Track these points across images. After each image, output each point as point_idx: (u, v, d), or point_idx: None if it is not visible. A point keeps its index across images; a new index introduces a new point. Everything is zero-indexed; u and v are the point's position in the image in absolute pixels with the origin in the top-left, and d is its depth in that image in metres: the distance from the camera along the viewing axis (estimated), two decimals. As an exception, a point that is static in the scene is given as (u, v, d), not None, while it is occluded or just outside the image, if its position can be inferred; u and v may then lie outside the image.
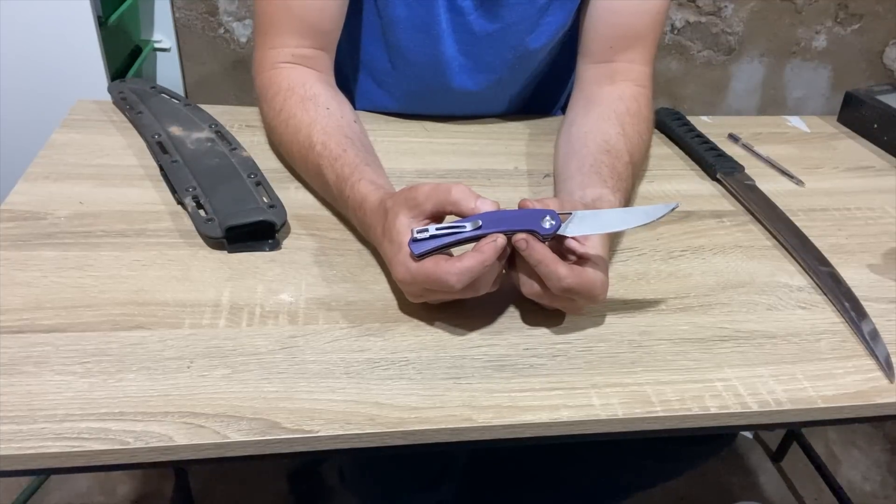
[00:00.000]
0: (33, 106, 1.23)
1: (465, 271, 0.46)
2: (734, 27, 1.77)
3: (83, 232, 0.57)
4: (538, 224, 0.48)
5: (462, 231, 0.48)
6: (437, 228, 0.48)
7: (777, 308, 0.57)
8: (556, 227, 0.48)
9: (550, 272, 0.47)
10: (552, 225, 0.48)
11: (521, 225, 0.48)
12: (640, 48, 0.72)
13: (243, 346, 0.48)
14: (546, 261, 0.47)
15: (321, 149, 0.60)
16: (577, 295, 0.49)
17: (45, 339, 0.47)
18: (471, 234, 0.48)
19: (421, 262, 0.48)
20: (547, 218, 0.48)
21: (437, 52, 0.74)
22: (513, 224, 0.48)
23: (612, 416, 0.46)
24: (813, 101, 1.92)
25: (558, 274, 0.47)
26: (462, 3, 0.71)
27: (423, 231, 0.47)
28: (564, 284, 0.47)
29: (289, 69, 0.68)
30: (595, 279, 0.49)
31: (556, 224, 0.48)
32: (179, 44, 1.61)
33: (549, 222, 0.48)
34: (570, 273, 0.47)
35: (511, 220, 0.48)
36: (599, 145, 0.63)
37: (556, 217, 0.48)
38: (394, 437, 0.43)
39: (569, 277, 0.47)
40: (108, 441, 0.40)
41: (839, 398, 0.48)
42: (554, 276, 0.47)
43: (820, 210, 0.71)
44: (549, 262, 0.47)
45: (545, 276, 0.48)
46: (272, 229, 0.58)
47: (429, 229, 0.47)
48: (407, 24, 0.72)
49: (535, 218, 0.48)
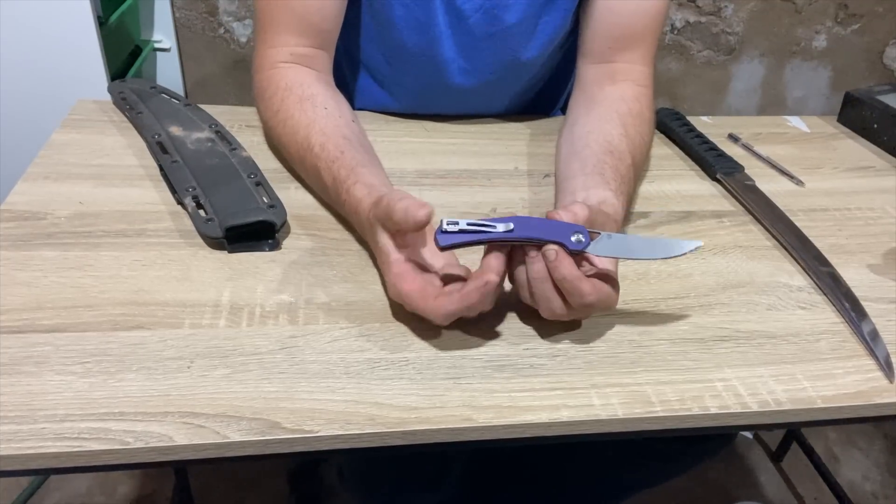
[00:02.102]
0: (33, 106, 1.23)
1: (451, 315, 0.47)
2: (734, 27, 1.77)
3: (83, 232, 0.57)
4: (567, 238, 0.47)
5: (493, 231, 0.47)
6: (468, 223, 0.47)
7: (777, 308, 0.57)
8: (585, 246, 0.47)
9: (575, 289, 0.47)
10: (581, 243, 0.47)
11: (551, 236, 0.47)
12: (640, 48, 0.72)
13: (243, 346, 0.48)
14: (572, 277, 0.47)
15: (319, 150, 0.60)
16: (595, 310, 0.49)
17: (45, 338, 0.47)
18: (501, 235, 0.47)
19: (409, 290, 0.47)
20: (577, 234, 0.47)
21: (434, 53, 0.74)
22: (543, 233, 0.47)
23: (612, 416, 0.46)
24: (813, 101, 1.92)
25: (582, 291, 0.47)
26: (462, 5, 0.71)
27: (452, 223, 0.47)
28: (587, 301, 0.47)
29: (287, 69, 0.68)
30: (612, 294, 0.49)
31: (586, 242, 0.47)
32: (179, 44, 1.61)
33: (579, 238, 0.47)
34: (593, 290, 0.47)
35: (542, 229, 0.47)
36: (602, 146, 0.63)
37: (587, 235, 0.48)
38: (394, 438, 0.43)
39: (592, 295, 0.47)
40: (108, 441, 0.40)
41: (839, 398, 0.48)
42: (577, 293, 0.47)
43: (820, 210, 0.71)
44: (576, 279, 0.47)
45: (569, 292, 0.47)
46: (272, 229, 0.58)
47: (459, 223, 0.47)
48: (403, 25, 0.72)
49: (566, 232, 0.47)
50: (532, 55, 0.76)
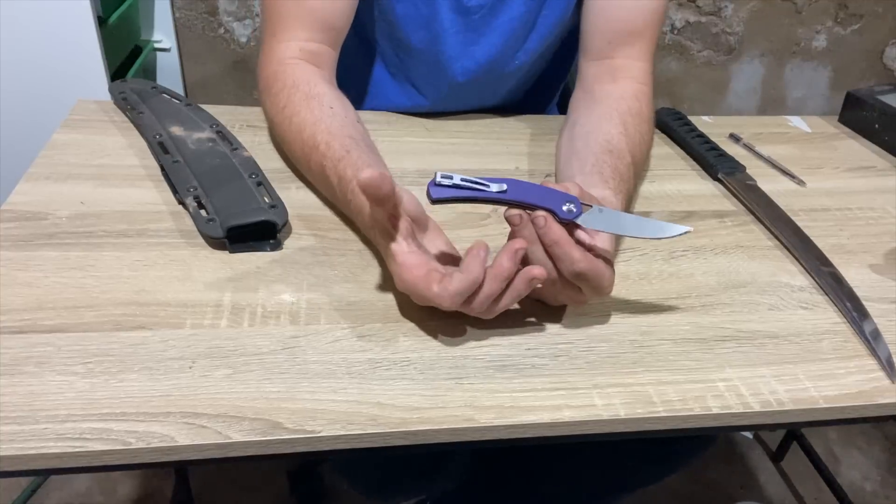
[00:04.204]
0: (33, 106, 1.23)
1: (458, 293, 0.46)
2: (734, 27, 1.77)
3: (84, 232, 0.57)
4: (559, 206, 0.48)
5: (485, 190, 0.47)
6: (462, 179, 0.47)
7: (779, 308, 0.57)
8: (575, 216, 0.48)
9: (565, 253, 0.47)
10: (572, 212, 0.48)
11: (542, 202, 0.48)
12: (640, 43, 0.72)
13: (245, 347, 0.48)
14: (562, 242, 0.47)
15: (325, 149, 0.60)
16: (585, 283, 0.49)
17: (46, 339, 0.47)
18: (494, 195, 0.47)
19: (414, 277, 0.47)
20: (569, 204, 0.48)
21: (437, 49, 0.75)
22: (535, 198, 0.48)
23: (614, 417, 0.46)
24: (813, 101, 1.92)
25: (572, 256, 0.47)
26: (468, 2, 0.72)
27: (447, 177, 0.47)
28: (577, 268, 0.47)
29: (295, 65, 0.68)
30: (605, 270, 0.49)
31: (577, 212, 0.48)
32: (179, 44, 1.61)
33: (570, 208, 0.48)
34: (584, 258, 0.47)
35: (535, 194, 0.48)
36: (601, 145, 0.63)
37: (578, 205, 0.48)
38: (395, 438, 0.43)
39: (583, 261, 0.47)
40: (110, 441, 0.40)
41: (841, 398, 0.48)
42: (568, 259, 0.47)
43: (821, 210, 0.71)
44: (566, 243, 0.47)
45: (558, 258, 0.48)
46: (273, 229, 0.58)
47: (454, 177, 0.47)
48: (405, 21, 0.74)
49: (558, 200, 0.48)
50: (532, 47, 0.76)
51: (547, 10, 0.75)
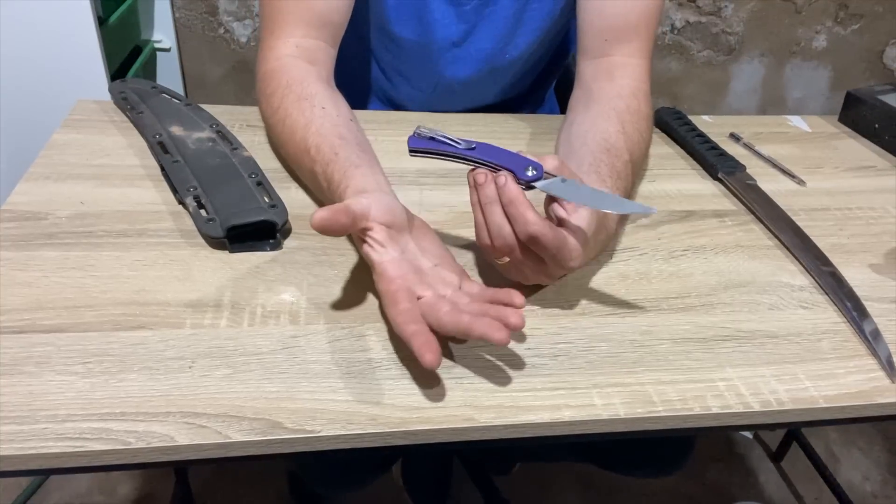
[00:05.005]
0: (33, 106, 1.23)
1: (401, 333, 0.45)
2: (734, 27, 1.77)
3: (84, 232, 0.57)
4: (521, 169, 0.49)
5: (456, 146, 0.50)
6: (438, 134, 0.51)
7: (779, 308, 0.57)
8: (535, 179, 0.49)
9: (519, 214, 0.47)
10: (533, 175, 0.49)
11: (505, 163, 0.50)
12: (636, 41, 0.72)
13: (245, 346, 0.48)
14: (518, 202, 0.47)
15: (315, 152, 0.59)
16: (544, 250, 0.49)
17: (46, 339, 0.47)
18: (462, 152, 0.50)
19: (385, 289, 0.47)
20: (532, 168, 0.49)
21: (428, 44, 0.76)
22: (500, 159, 0.50)
23: (613, 416, 0.46)
24: (813, 101, 1.92)
25: (526, 217, 0.47)
26: None
27: (426, 130, 0.51)
28: (530, 230, 0.47)
29: (290, 64, 0.67)
30: (566, 240, 0.49)
31: (537, 175, 0.49)
32: (179, 44, 1.61)
33: (532, 172, 0.49)
34: (539, 221, 0.47)
35: (500, 156, 0.50)
36: (599, 144, 0.63)
37: (541, 171, 0.50)
38: (395, 437, 0.43)
39: (536, 224, 0.47)
40: (109, 441, 0.40)
41: (841, 398, 0.48)
42: (522, 219, 0.47)
43: (821, 210, 0.71)
44: (521, 204, 0.47)
45: (513, 218, 0.48)
46: (273, 229, 0.58)
47: (434, 133, 0.50)
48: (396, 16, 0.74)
49: (521, 164, 0.50)
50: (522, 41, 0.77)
51: (536, 4, 0.76)
